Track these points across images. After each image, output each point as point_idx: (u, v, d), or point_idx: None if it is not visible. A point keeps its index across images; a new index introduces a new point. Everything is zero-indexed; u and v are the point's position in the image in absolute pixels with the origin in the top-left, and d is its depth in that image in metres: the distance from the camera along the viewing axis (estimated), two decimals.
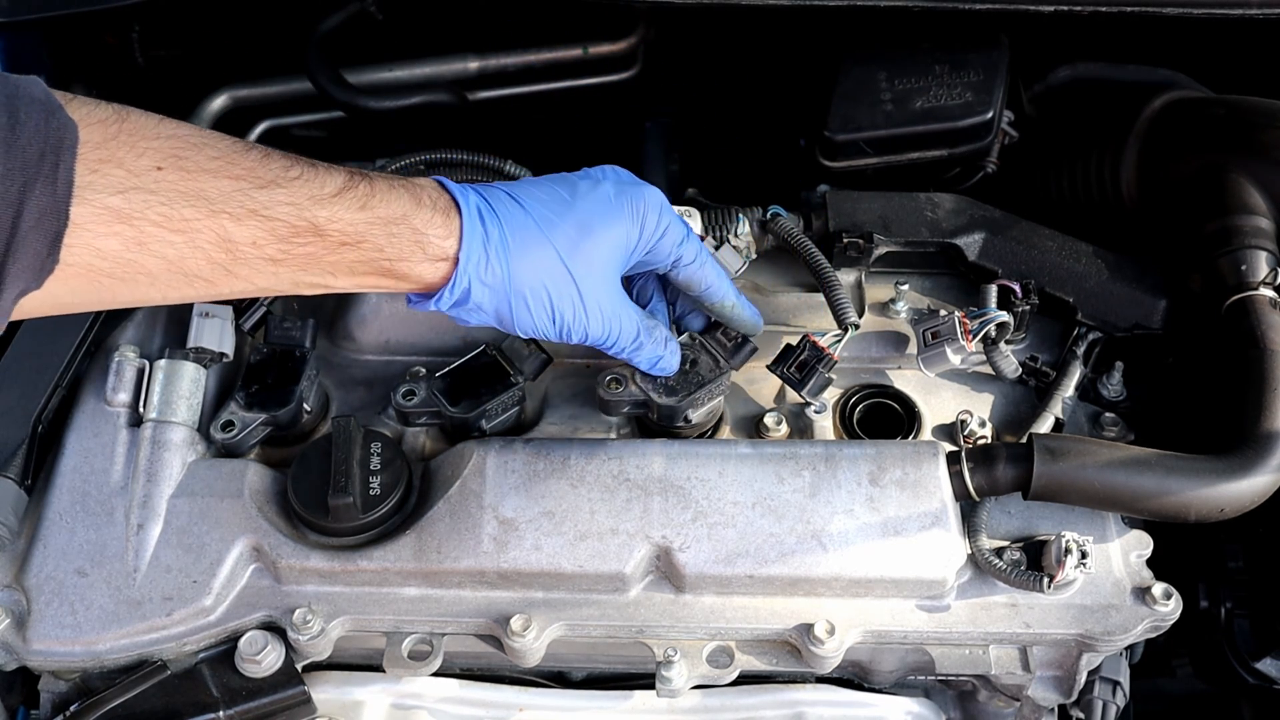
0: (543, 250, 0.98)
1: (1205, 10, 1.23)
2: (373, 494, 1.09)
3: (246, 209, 0.87)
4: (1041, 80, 1.48)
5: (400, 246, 0.94)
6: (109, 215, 0.82)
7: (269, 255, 0.89)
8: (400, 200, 0.94)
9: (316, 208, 0.90)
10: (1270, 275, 1.16)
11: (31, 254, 0.78)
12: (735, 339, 1.15)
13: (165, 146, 0.84)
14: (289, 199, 0.89)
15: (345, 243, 0.92)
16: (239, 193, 0.87)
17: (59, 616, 1.06)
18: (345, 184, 0.92)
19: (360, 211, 0.92)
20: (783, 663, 1.09)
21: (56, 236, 0.79)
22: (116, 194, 0.82)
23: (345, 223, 0.91)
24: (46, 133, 0.78)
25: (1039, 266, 1.25)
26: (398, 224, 0.94)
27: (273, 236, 0.89)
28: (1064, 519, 1.13)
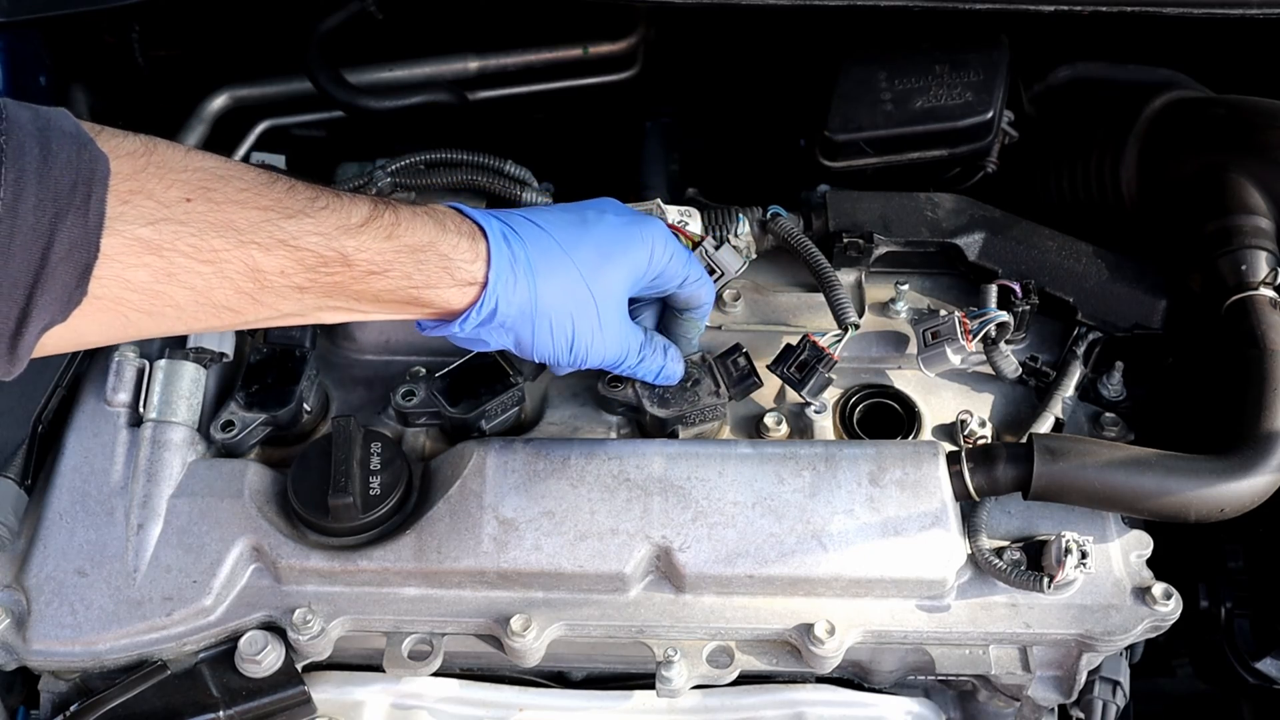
0: (567, 272, 1.01)
1: (1205, 10, 1.23)
2: (373, 494, 1.09)
3: (275, 239, 0.88)
4: (1041, 80, 1.48)
5: (428, 273, 0.95)
6: (139, 246, 0.82)
7: (296, 284, 0.90)
8: (425, 228, 0.95)
9: (344, 237, 0.91)
10: (1270, 275, 1.16)
11: (60, 286, 0.79)
12: (743, 370, 1.16)
13: (193, 179, 0.85)
14: (317, 229, 0.90)
15: (373, 272, 0.93)
16: (267, 223, 0.88)
17: (59, 616, 1.06)
18: (371, 213, 0.93)
19: (387, 240, 0.93)
20: (783, 663, 1.09)
21: (86, 268, 0.79)
22: (147, 225, 0.82)
23: (373, 252, 0.92)
24: (78, 165, 0.78)
25: (1039, 266, 1.25)
26: (425, 251, 0.95)
27: (300, 266, 0.90)
28: (1064, 519, 1.13)
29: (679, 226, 1.25)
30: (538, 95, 1.59)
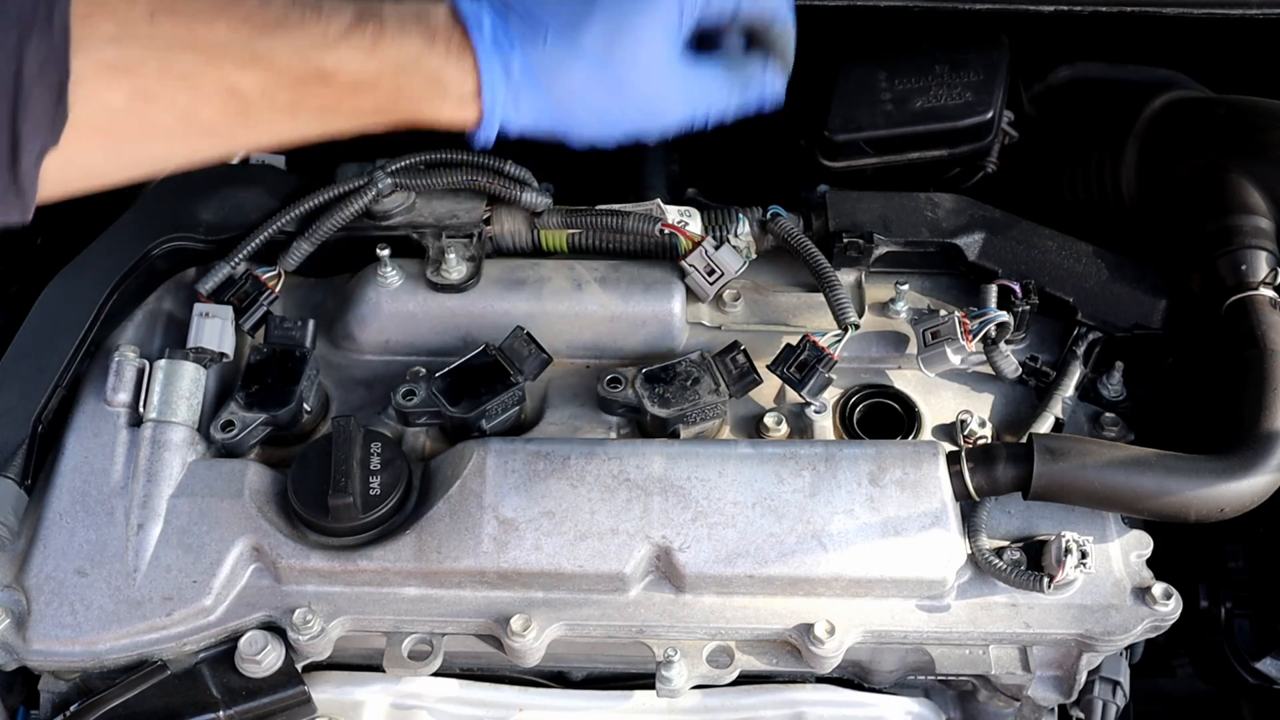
0: (572, 71, 0.91)
1: (1205, 10, 1.23)
2: (373, 494, 1.09)
3: (249, 54, 0.83)
4: (1041, 80, 1.48)
5: (416, 91, 0.89)
6: (108, 69, 0.79)
7: (282, 105, 0.86)
8: (412, 41, 0.88)
9: (321, 53, 0.85)
10: (1270, 275, 1.16)
11: (41, 107, 0.76)
12: (742, 367, 1.16)
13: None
14: (291, 44, 0.84)
15: (357, 89, 0.87)
16: (239, 39, 0.83)
17: (59, 616, 1.06)
18: (351, 25, 0.86)
19: (369, 55, 0.87)
20: (783, 663, 1.09)
21: (61, 86, 0.77)
22: (111, 44, 0.79)
23: (355, 68, 0.86)
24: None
25: (1039, 266, 1.25)
26: (410, 69, 0.88)
27: (280, 85, 0.85)
28: (1064, 519, 1.13)
29: (679, 226, 1.26)
30: None
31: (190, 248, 1.28)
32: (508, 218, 1.29)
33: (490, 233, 1.28)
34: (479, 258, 1.25)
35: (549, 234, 1.29)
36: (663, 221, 1.26)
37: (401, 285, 1.24)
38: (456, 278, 1.23)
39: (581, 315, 1.24)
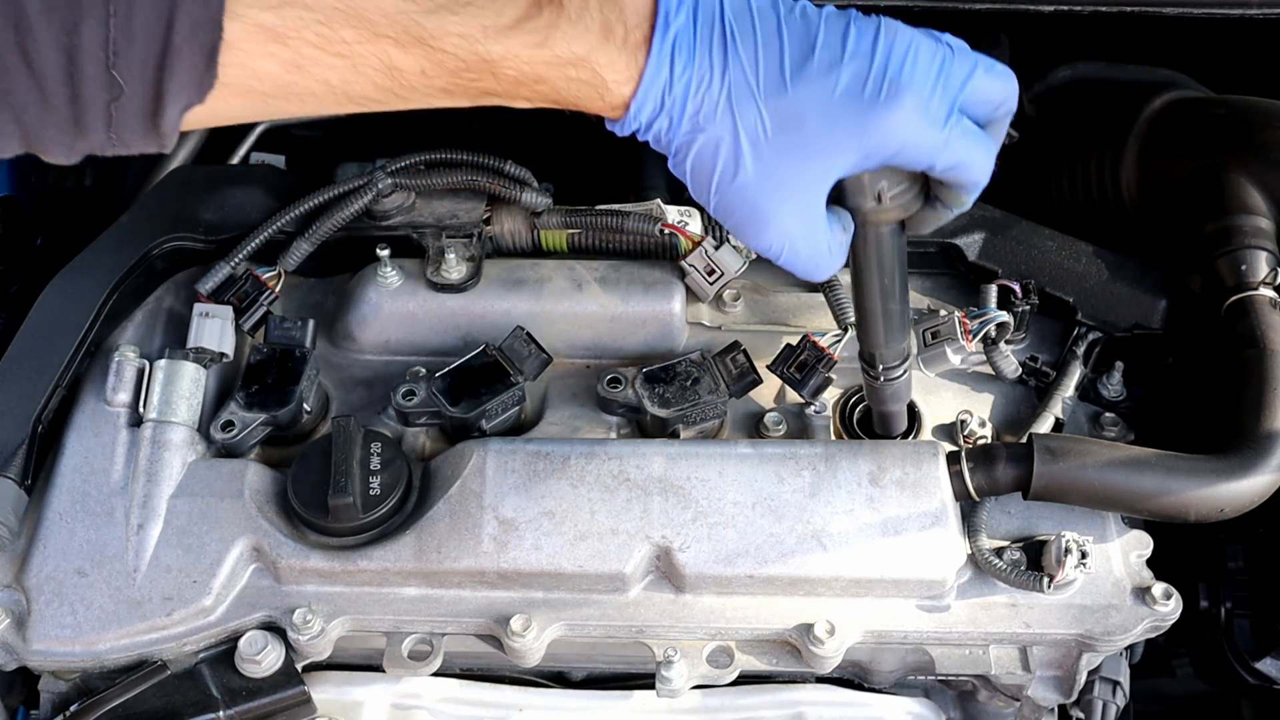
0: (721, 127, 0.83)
1: (1205, 10, 1.23)
2: (373, 494, 1.09)
3: (412, 36, 0.78)
4: (1041, 80, 1.48)
5: (578, 91, 0.83)
6: (261, 33, 0.75)
7: (439, 86, 0.81)
8: (587, 34, 0.81)
9: (490, 41, 0.79)
10: (1270, 275, 1.16)
11: (189, 68, 0.73)
12: (742, 366, 1.16)
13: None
14: (460, 29, 0.78)
15: (519, 82, 0.82)
16: (404, 16, 0.77)
17: (59, 616, 1.06)
18: (527, 11, 0.80)
19: (538, 49, 0.80)
20: (783, 663, 1.09)
21: (212, 50, 0.73)
22: (269, 9, 0.74)
23: (520, 61, 0.80)
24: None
25: (1039, 266, 1.25)
26: (578, 65, 0.81)
27: (441, 69, 0.80)
28: (1064, 519, 1.13)
29: (679, 226, 1.26)
30: None
31: (190, 248, 1.28)
32: (508, 218, 1.29)
33: (490, 233, 1.28)
34: (479, 258, 1.25)
35: (549, 234, 1.29)
36: (663, 221, 1.26)
37: (401, 285, 1.24)
38: (456, 278, 1.23)
39: (581, 315, 1.24)
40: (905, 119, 0.83)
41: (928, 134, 0.84)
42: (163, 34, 0.72)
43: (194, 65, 0.73)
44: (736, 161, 0.84)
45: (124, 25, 0.71)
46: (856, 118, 0.82)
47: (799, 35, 0.83)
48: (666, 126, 0.84)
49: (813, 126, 0.83)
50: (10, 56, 0.70)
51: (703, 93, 0.83)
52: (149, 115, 0.75)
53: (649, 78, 0.82)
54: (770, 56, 0.83)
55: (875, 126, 0.83)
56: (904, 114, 0.83)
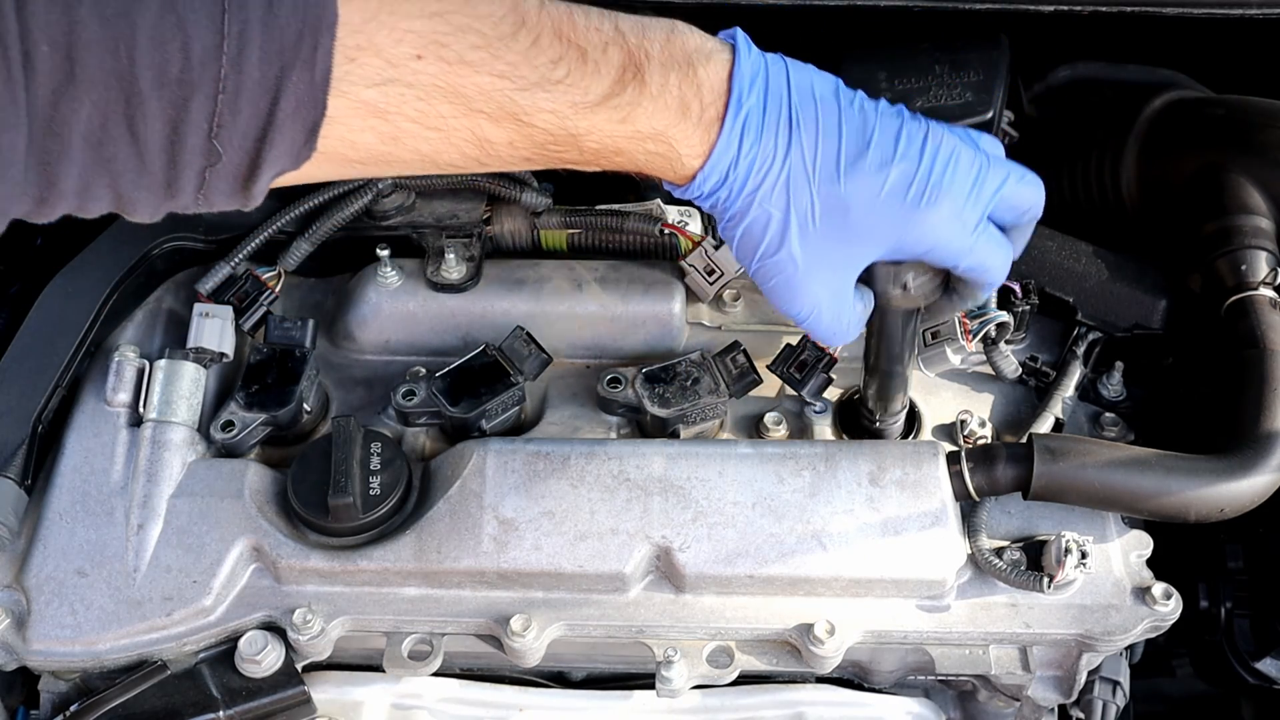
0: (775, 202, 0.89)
1: (1205, 10, 1.23)
2: (373, 494, 1.09)
3: (505, 111, 0.82)
4: (1041, 80, 1.48)
5: (653, 162, 0.88)
6: (364, 110, 0.77)
7: (523, 155, 0.86)
8: (668, 110, 0.86)
9: (578, 117, 0.83)
10: (1270, 275, 1.16)
11: (288, 142, 0.75)
12: (742, 367, 1.16)
13: (426, 29, 0.78)
14: (551, 106, 0.82)
15: (600, 153, 0.87)
16: (499, 93, 0.81)
17: (59, 616, 1.06)
18: (612, 89, 0.84)
19: (621, 124, 0.85)
20: (783, 663, 1.09)
21: (314, 127, 0.76)
22: (373, 87, 0.77)
23: (603, 135, 0.85)
24: (304, 10, 0.72)
25: (1039, 266, 1.25)
26: (656, 140, 0.86)
27: (529, 141, 0.84)
28: (1064, 519, 1.13)
29: (679, 226, 1.26)
30: None
31: (190, 247, 1.28)
32: (508, 217, 1.29)
33: (490, 232, 1.28)
34: (479, 258, 1.25)
35: (549, 234, 1.29)
36: (663, 221, 1.26)
37: (401, 285, 1.24)
38: (456, 278, 1.23)
39: (581, 315, 1.24)
40: (940, 223, 0.89)
41: (958, 238, 0.91)
42: (267, 109, 0.73)
43: (294, 139, 0.76)
44: (783, 237, 0.90)
45: (231, 101, 0.72)
46: (898, 216, 0.89)
47: (856, 129, 0.89)
48: (725, 197, 0.89)
49: (857, 217, 0.89)
50: (117, 128, 0.71)
51: (764, 172, 0.88)
52: (242, 180, 0.77)
53: (718, 153, 0.87)
54: (829, 147, 0.88)
55: (913, 226, 0.89)
56: (940, 218, 0.89)
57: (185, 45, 0.69)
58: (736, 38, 0.91)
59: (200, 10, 0.69)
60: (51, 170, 0.71)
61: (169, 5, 0.69)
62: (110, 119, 0.71)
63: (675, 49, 0.87)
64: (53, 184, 0.72)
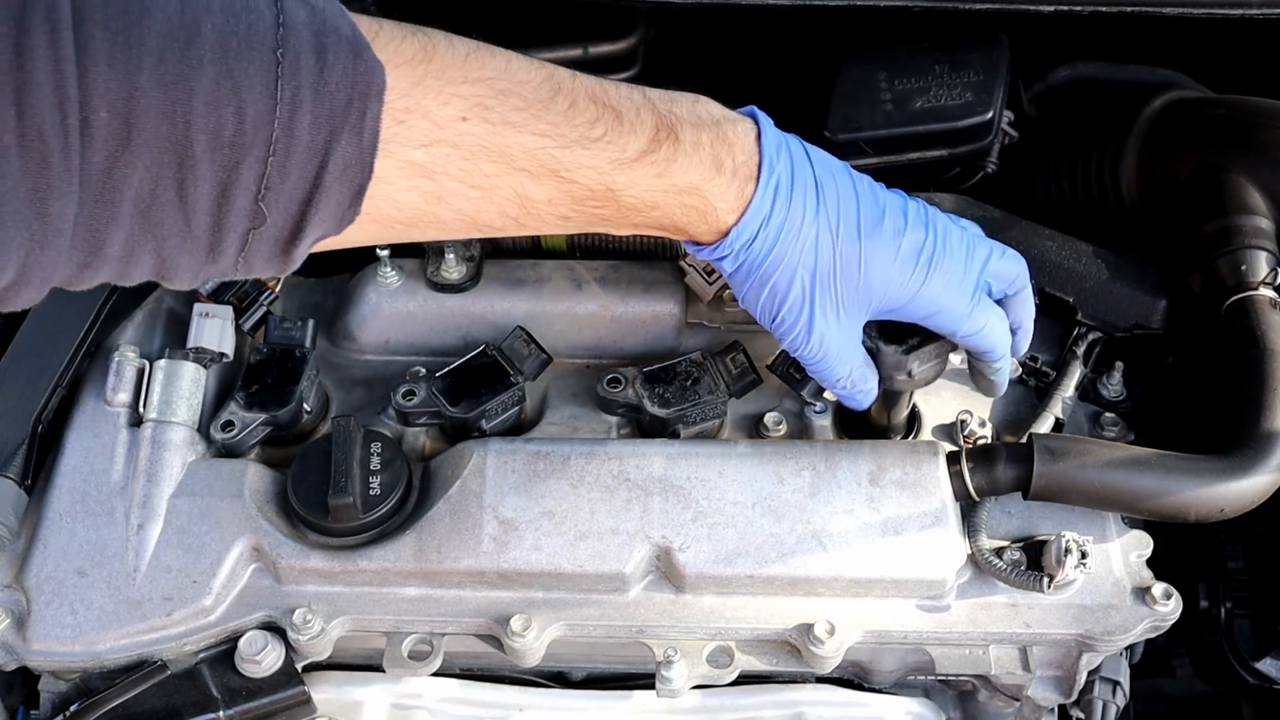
0: (803, 261, 0.95)
1: (1205, 10, 1.23)
2: (373, 494, 1.09)
3: (547, 168, 0.85)
4: (1041, 80, 1.48)
5: (689, 216, 0.92)
6: (411, 170, 0.80)
7: (561, 213, 0.88)
8: (701, 165, 0.90)
9: (616, 173, 0.87)
10: (1270, 275, 1.16)
11: (334, 205, 0.77)
12: (742, 367, 1.16)
13: (471, 93, 0.81)
14: (591, 162, 0.86)
15: (638, 209, 0.90)
16: (541, 151, 0.84)
17: (59, 616, 1.06)
18: (648, 146, 0.88)
19: (658, 179, 0.89)
20: (783, 663, 1.09)
21: (360, 190, 0.77)
22: (420, 147, 0.79)
23: (642, 189, 0.89)
24: (354, 76, 0.74)
25: (1039, 266, 1.25)
26: (691, 194, 0.91)
27: (568, 198, 0.87)
28: (1064, 519, 1.13)
29: None
30: None
31: None
32: None
33: None
34: (479, 257, 1.25)
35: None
36: None
37: (401, 285, 1.24)
38: (456, 277, 1.23)
39: (581, 315, 1.24)
40: (945, 286, 0.98)
41: (959, 302, 0.99)
42: (315, 172, 0.75)
43: (339, 201, 0.77)
44: (804, 295, 0.97)
45: (281, 164, 0.73)
46: (910, 280, 0.97)
47: (870, 200, 0.97)
48: (756, 254, 0.95)
49: (873, 277, 0.97)
50: (167, 192, 0.72)
51: (794, 232, 0.94)
52: (284, 243, 0.78)
53: (753, 210, 0.92)
54: (849, 212, 0.96)
55: (924, 290, 0.98)
56: (945, 281, 0.98)
57: (240, 110, 0.71)
58: (756, 113, 0.97)
59: (255, 76, 0.71)
60: (99, 236, 0.72)
61: (225, 71, 0.70)
62: (161, 183, 0.71)
63: (702, 113, 0.93)
64: (98, 250, 0.73)
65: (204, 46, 0.70)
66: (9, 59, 0.64)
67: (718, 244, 0.95)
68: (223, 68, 0.70)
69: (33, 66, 0.65)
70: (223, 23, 0.71)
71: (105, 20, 0.67)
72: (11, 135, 0.65)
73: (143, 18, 0.68)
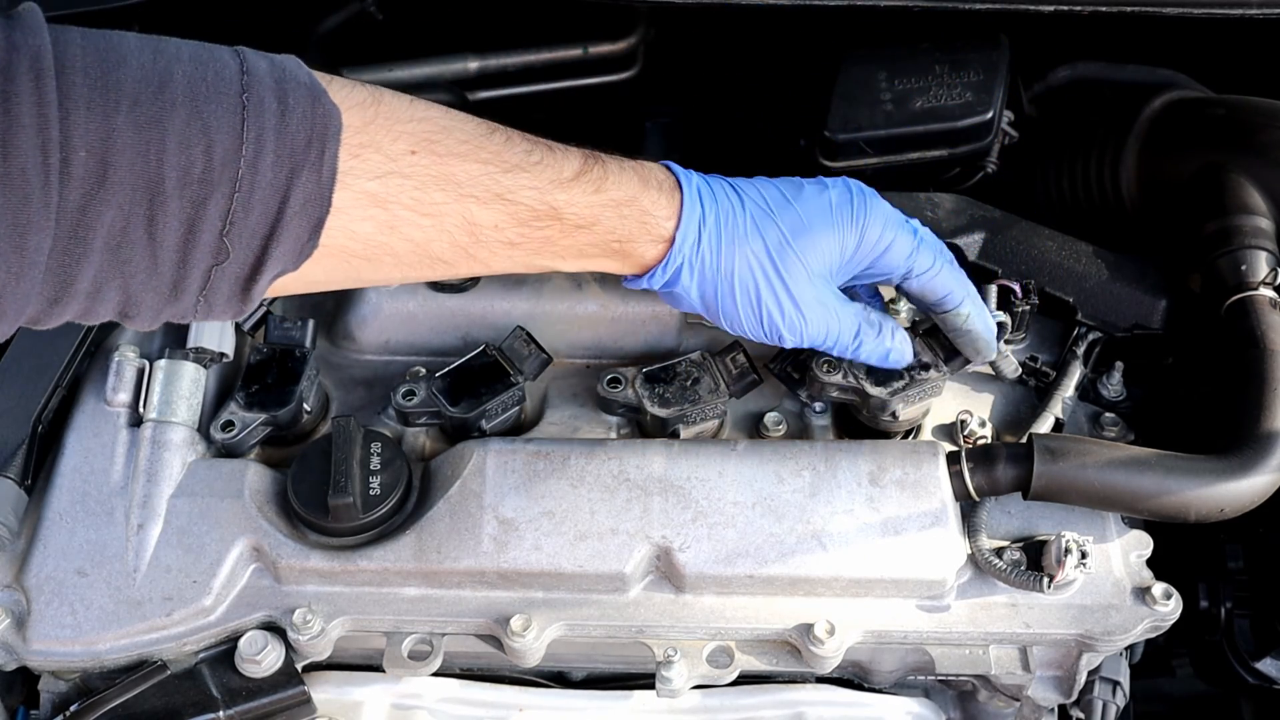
0: (753, 242, 1.00)
1: (1205, 10, 1.23)
2: (373, 494, 1.09)
3: (492, 193, 0.90)
4: (1041, 80, 1.48)
5: (629, 228, 0.97)
6: (366, 200, 0.85)
7: (508, 239, 0.93)
8: (630, 182, 0.97)
9: (556, 191, 0.93)
10: (1270, 275, 1.16)
11: (293, 239, 0.82)
12: (742, 367, 1.16)
13: (418, 130, 0.87)
14: (532, 183, 0.92)
15: (580, 225, 0.95)
16: (486, 177, 0.90)
17: (59, 616, 1.06)
18: (581, 168, 0.95)
19: (595, 194, 0.95)
20: (783, 663, 1.09)
21: (318, 222, 0.82)
22: (374, 179, 0.85)
23: (582, 205, 0.94)
24: (313, 119, 0.80)
25: (1039, 266, 1.25)
26: (628, 205, 0.96)
27: (514, 220, 0.92)
28: (1064, 519, 1.13)
29: None
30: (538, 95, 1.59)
31: None
32: None
33: None
34: None
35: None
36: None
37: (401, 285, 1.24)
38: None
39: (581, 315, 1.24)
40: (885, 222, 1.03)
41: (903, 235, 1.04)
42: (277, 207, 0.80)
43: (299, 235, 0.82)
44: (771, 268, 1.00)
45: (245, 199, 0.78)
46: (851, 223, 1.02)
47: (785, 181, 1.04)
48: (707, 251, 0.99)
49: (819, 231, 1.01)
50: (137, 229, 0.76)
51: (732, 220, 1.00)
52: (244, 281, 0.82)
53: (687, 213, 0.98)
54: (771, 190, 1.02)
55: (869, 222, 1.02)
56: (882, 218, 1.03)
57: (209, 148, 0.76)
58: None
59: (223, 117, 0.77)
60: (69, 272, 0.76)
61: (196, 111, 0.76)
62: (132, 220, 0.76)
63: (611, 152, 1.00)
64: (68, 286, 0.77)
65: (176, 90, 0.76)
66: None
67: (668, 255, 0.98)
68: (193, 109, 0.76)
69: (18, 111, 0.70)
70: (192, 70, 0.77)
71: (85, 68, 0.73)
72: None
73: (119, 66, 0.75)
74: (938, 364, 1.12)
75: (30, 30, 0.73)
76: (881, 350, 1.07)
